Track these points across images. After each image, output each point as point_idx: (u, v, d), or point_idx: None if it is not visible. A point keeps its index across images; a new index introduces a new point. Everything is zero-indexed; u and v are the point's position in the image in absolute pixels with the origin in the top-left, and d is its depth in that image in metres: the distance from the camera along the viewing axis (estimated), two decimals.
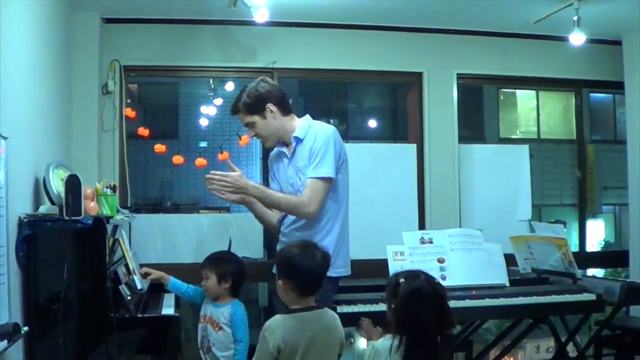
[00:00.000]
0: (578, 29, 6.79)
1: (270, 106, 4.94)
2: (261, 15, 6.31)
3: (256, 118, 4.96)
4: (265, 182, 5.40)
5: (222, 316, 5.08)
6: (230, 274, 5.15)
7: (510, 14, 7.13)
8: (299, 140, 4.98)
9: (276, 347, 3.76)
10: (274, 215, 5.22)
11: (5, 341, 3.60)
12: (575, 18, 6.68)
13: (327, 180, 4.83)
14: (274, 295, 4.72)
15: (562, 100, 16.71)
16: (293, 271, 3.94)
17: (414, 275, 3.76)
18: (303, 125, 5.02)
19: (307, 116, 5.12)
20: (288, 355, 3.78)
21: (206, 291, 5.19)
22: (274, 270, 4.26)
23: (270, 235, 7.11)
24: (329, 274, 4.29)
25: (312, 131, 4.97)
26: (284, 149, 5.07)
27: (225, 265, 5.18)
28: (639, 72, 7.43)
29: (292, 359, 3.79)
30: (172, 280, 5.42)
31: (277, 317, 3.91)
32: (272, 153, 5.27)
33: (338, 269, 4.86)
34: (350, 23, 7.34)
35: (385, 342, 3.75)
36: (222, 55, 7.21)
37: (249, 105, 4.95)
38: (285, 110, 5.03)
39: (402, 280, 3.70)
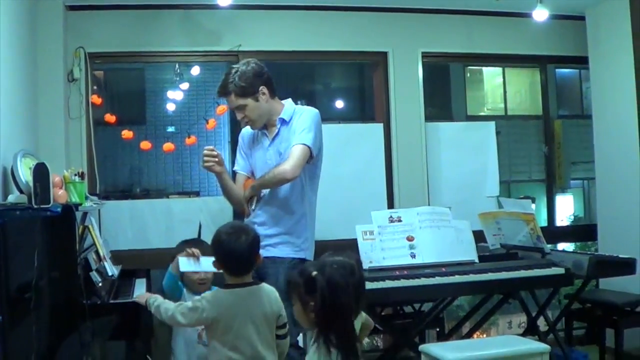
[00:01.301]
0: (541, 5, 6.85)
1: (263, 88, 4.94)
2: None
3: (248, 100, 4.92)
4: (233, 164, 5.38)
5: None
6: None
7: None
8: (284, 122, 5.01)
9: (209, 319, 4.00)
10: (240, 192, 5.20)
11: None
12: None
13: (308, 149, 4.87)
14: None
15: (528, 77, 16.78)
16: (223, 253, 4.12)
17: (322, 265, 3.56)
18: (288, 108, 5.06)
19: (290, 100, 5.15)
20: (223, 328, 3.98)
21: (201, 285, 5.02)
22: None
23: (240, 218, 7.15)
24: (305, 256, 4.83)
25: (297, 113, 5.02)
26: (265, 130, 5.09)
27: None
28: (602, 46, 7.47)
29: (228, 332, 3.98)
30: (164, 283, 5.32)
31: (219, 291, 4.14)
32: (247, 132, 5.27)
33: (310, 252, 5.03)
34: (315, 4, 7.34)
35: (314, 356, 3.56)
36: (187, 39, 7.18)
37: (242, 87, 4.90)
38: (273, 92, 5.05)
39: (314, 273, 3.50)
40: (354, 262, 3.67)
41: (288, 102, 5.12)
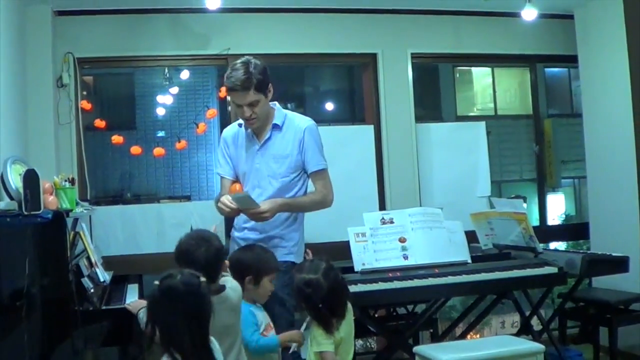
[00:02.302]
0: (530, 4, 6.86)
1: (270, 86, 4.87)
2: (213, 2, 6.31)
3: (261, 96, 4.78)
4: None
5: None
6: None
7: None
8: (277, 128, 4.94)
9: None
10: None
11: None
12: None
13: (326, 169, 5.00)
14: None
15: (518, 76, 16.82)
16: (189, 261, 3.97)
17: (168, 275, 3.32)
18: (279, 114, 4.99)
19: (277, 104, 5.06)
20: None
21: None
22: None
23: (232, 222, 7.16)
24: (294, 259, 4.81)
25: (291, 121, 4.98)
26: (250, 131, 4.99)
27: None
28: (591, 45, 7.47)
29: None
30: None
31: None
32: (230, 134, 5.16)
33: (300, 255, 4.99)
34: (303, 7, 7.33)
35: None
36: (176, 43, 7.17)
37: (260, 82, 4.75)
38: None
39: (155, 282, 3.30)
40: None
41: (277, 107, 5.05)
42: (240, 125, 5.05)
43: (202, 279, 3.27)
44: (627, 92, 6.71)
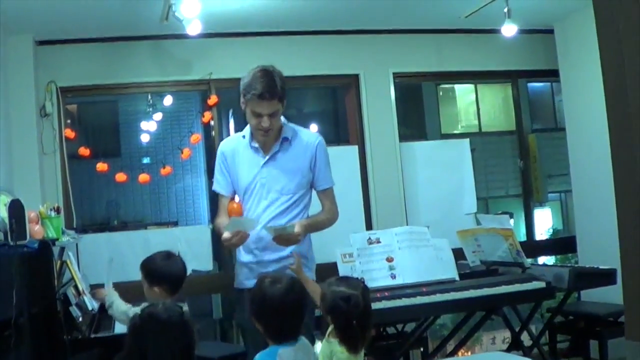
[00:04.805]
0: (509, 20, 6.89)
1: (285, 97, 4.70)
2: (194, 27, 6.30)
3: (280, 107, 4.65)
4: (212, 193, 5.28)
5: None
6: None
7: (440, 10, 7.20)
8: (286, 141, 4.79)
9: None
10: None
11: None
12: (505, 10, 6.81)
13: (333, 187, 4.94)
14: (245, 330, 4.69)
15: (501, 92, 16.86)
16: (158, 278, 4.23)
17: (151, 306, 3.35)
18: (288, 127, 4.85)
19: (282, 117, 4.84)
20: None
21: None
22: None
23: (220, 246, 7.14)
24: (312, 276, 4.69)
25: (299, 136, 4.86)
26: (255, 144, 4.81)
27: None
28: (572, 58, 7.52)
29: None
30: None
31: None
32: (230, 147, 4.95)
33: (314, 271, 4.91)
34: (284, 30, 7.37)
35: None
36: (159, 70, 7.20)
37: (284, 92, 4.64)
38: None
39: (137, 311, 3.36)
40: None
41: (283, 120, 4.86)
42: (244, 136, 4.89)
43: (185, 308, 3.25)
44: None
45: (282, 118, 4.80)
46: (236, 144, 4.93)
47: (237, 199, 4.86)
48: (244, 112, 4.73)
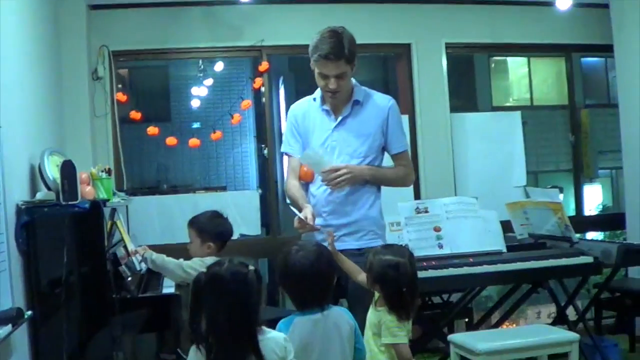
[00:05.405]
0: None
1: (357, 59, 4.62)
2: None
3: (349, 69, 4.53)
4: (262, 158, 5.30)
5: None
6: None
7: None
8: (357, 104, 4.70)
9: None
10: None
11: (10, 326, 3.63)
12: None
13: (408, 151, 4.90)
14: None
15: (554, 66, 16.68)
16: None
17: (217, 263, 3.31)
18: (359, 90, 4.75)
19: (353, 79, 4.76)
20: None
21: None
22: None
23: (269, 211, 7.22)
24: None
25: (371, 98, 4.76)
26: (326, 107, 4.72)
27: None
28: (627, 34, 7.41)
29: None
30: None
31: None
32: (301, 109, 4.85)
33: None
34: None
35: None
36: (210, 35, 7.21)
37: (352, 54, 4.52)
38: None
39: (203, 269, 3.30)
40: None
41: (355, 83, 4.77)
42: (314, 99, 4.79)
43: (251, 267, 3.24)
44: None
45: (354, 80, 4.73)
46: (307, 107, 4.83)
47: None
48: (313, 73, 4.61)
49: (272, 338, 3.17)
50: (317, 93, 4.76)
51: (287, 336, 3.27)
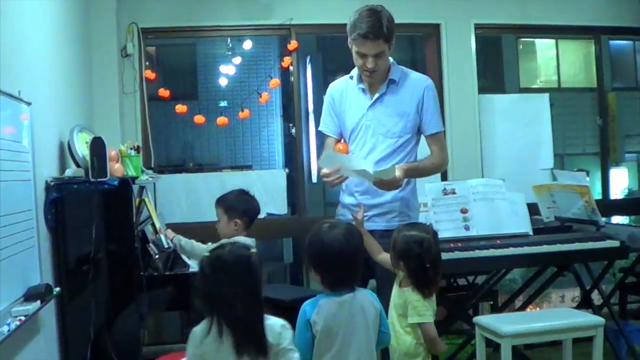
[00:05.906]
0: None
1: (394, 39, 4.57)
2: None
3: (386, 48, 4.50)
4: (289, 137, 5.31)
5: None
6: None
7: None
8: (393, 83, 4.67)
9: None
10: None
11: (38, 302, 3.67)
12: None
13: (443, 132, 4.85)
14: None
15: (582, 49, 16.59)
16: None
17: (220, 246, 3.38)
18: (395, 69, 4.73)
19: (390, 58, 4.73)
20: None
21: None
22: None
23: (295, 191, 7.24)
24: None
25: (408, 78, 4.74)
26: (362, 85, 4.72)
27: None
28: None
29: None
30: None
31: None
32: (339, 88, 4.87)
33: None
34: None
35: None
36: (239, 13, 7.21)
37: (390, 32, 4.47)
38: None
39: (206, 254, 3.31)
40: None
41: (392, 61, 4.75)
42: (352, 77, 4.81)
43: (253, 250, 3.25)
44: None
45: (390, 59, 4.70)
46: (345, 86, 4.84)
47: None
48: (350, 52, 4.60)
49: (267, 325, 3.18)
50: (354, 71, 4.76)
51: (285, 323, 3.25)
